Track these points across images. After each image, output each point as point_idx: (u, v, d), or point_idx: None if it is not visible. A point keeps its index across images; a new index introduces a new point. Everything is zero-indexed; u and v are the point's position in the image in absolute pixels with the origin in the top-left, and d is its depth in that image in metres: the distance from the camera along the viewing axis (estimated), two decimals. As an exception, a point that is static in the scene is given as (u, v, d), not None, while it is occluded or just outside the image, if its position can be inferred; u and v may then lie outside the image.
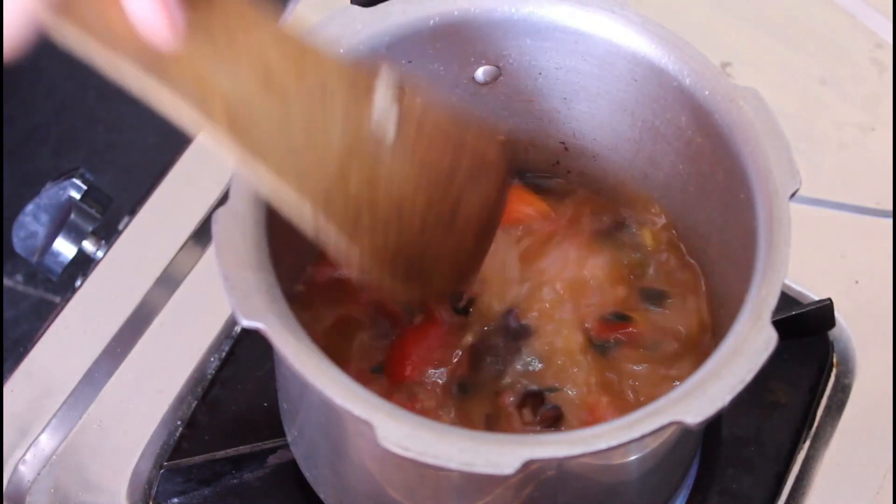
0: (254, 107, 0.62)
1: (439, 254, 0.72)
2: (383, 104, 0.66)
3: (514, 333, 0.77)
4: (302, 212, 0.65)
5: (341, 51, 0.73)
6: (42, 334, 0.88)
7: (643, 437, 0.63)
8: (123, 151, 1.28)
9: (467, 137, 0.70)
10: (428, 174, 0.69)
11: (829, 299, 0.87)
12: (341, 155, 0.65)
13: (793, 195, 0.70)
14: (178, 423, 0.85)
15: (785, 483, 0.84)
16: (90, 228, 0.89)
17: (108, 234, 0.91)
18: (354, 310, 0.79)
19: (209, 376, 0.87)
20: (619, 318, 0.78)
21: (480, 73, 0.79)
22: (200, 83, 0.61)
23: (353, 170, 0.66)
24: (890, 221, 0.92)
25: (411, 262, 0.71)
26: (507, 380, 0.76)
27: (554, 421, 0.74)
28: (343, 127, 0.65)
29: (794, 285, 0.90)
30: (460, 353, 0.76)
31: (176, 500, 0.83)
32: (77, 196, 0.89)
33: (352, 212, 0.67)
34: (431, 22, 0.75)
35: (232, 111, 0.62)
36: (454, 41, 0.77)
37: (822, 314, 0.88)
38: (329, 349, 0.65)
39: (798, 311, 0.87)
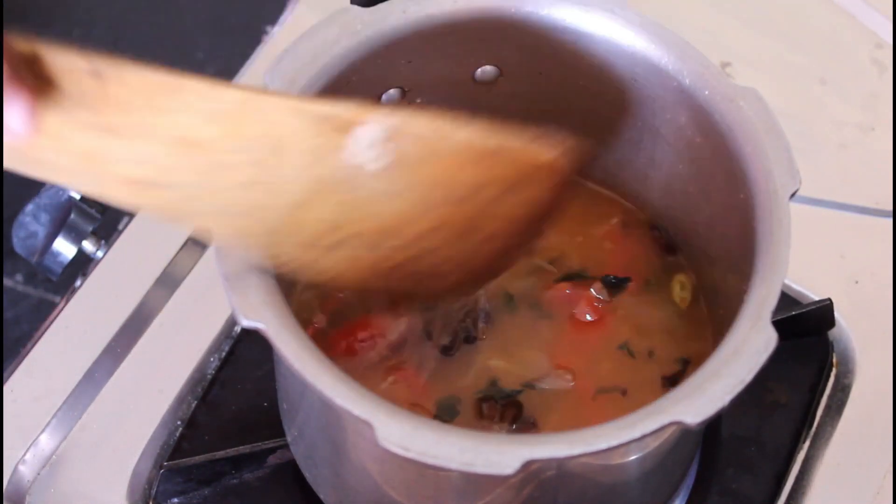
0: (165, 167, 0.62)
1: (458, 265, 0.72)
2: (365, 136, 0.64)
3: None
4: (248, 248, 0.66)
5: (339, 52, 0.73)
6: (42, 334, 0.88)
7: (643, 437, 0.63)
8: (123, 151, 1.28)
9: (496, 151, 0.68)
10: (437, 194, 0.67)
11: (829, 299, 0.87)
12: (302, 189, 0.64)
13: (793, 195, 0.70)
14: (178, 423, 0.85)
15: (785, 483, 0.84)
16: (90, 228, 0.89)
17: (108, 234, 0.91)
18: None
19: (209, 376, 0.87)
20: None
21: (480, 72, 0.79)
22: (88, 159, 0.60)
23: (320, 201, 0.65)
24: (890, 221, 0.92)
25: (419, 276, 0.71)
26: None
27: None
28: (302, 162, 0.64)
29: (794, 285, 0.90)
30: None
31: (176, 500, 0.83)
32: (77, 196, 0.89)
33: (316, 240, 0.67)
34: (431, 22, 0.75)
35: (135, 177, 0.61)
36: (454, 41, 0.76)
37: (822, 314, 0.88)
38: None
39: (798, 311, 0.87)
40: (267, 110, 0.63)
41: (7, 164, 0.60)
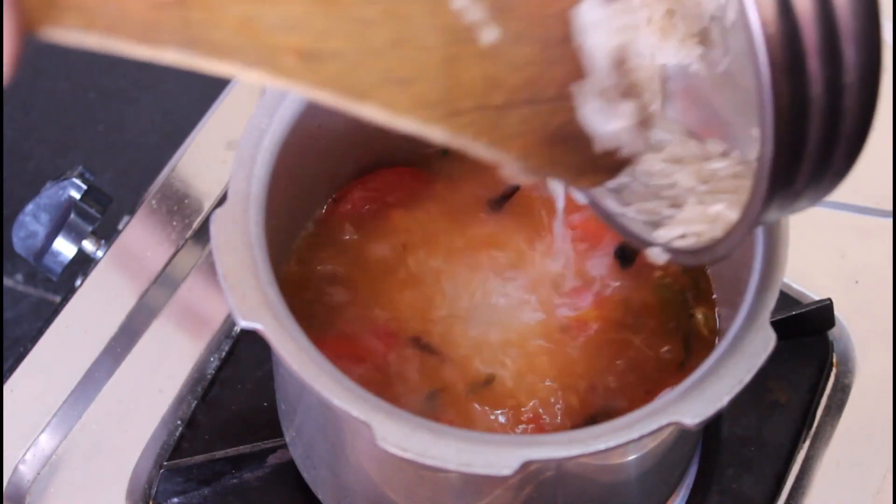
0: (317, 30, 0.56)
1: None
2: None
3: None
4: (432, 135, 0.60)
5: None
6: (42, 334, 0.88)
7: (641, 437, 0.63)
8: (123, 151, 1.28)
9: None
10: (547, 31, 0.62)
11: (829, 299, 0.87)
12: (441, 42, 0.59)
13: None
14: (178, 422, 0.85)
15: (785, 483, 0.84)
16: (90, 228, 0.89)
17: (108, 234, 0.91)
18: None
19: (209, 376, 0.87)
20: None
21: None
22: (245, 28, 0.54)
23: (464, 56, 0.60)
24: (890, 221, 0.92)
25: (567, 137, 0.65)
26: None
27: None
28: (424, 9, 0.59)
29: (794, 285, 0.90)
30: None
31: (176, 499, 0.83)
32: (77, 196, 0.89)
33: (485, 99, 0.61)
34: None
35: (296, 46, 0.55)
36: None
37: (822, 314, 0.88)
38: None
39: (798, 311, 0.87)
40: None
41: (163, 50, 0.52)
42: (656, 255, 0.65)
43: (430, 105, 0.60)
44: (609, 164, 0.66)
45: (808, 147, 0.51)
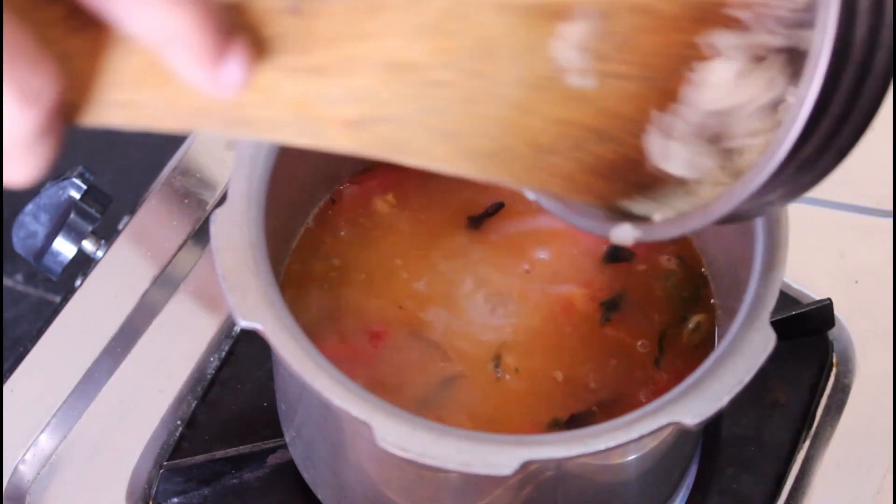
0: (382, 99, 0.54)
1: None
2: (571, 33, 0.57)
3: None
4: (478, 174, 0.59)
5: None
6: (42, 334, 0.88)
7: (641, 437, 0.63)
8: (123, 151, 1.28)
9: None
10: (658, 64, 0.59)
11: (829, 299, 0.87)
12: (523, 91, 0.57)
13: (792, 195, 0.70)
14: (178, 423, 0.85)
15: (785, 483, 0.84)
16: (90, 228, 0.89)
17: (107, 233, 0.91)
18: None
19: (209, 376, 0.87)
20: None
21: None
22: (299, 105, 0.53)
23: (546, 99, 0.58)
24: (890, 221, 0.92)
25: (617, 169, 0.62)
26: None
27: None
28: (517, 61, 0.56)
29: (793, 285, 0.90)
30: None
31: (176, 499, 0.83)
32: (77, 196, 0.89)
33: (541, 156, 0.59)
34: None
35: (352, 117, 0.54)
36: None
37: (822, 314, 0.88)
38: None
39: (798, 311, 0.87)
40: (471, 13, 0.56)
41: (206, 129, 0.51)
42: (624, 234, 0.61)
43: (479, 156, 0.58)
44: (647, 185, 0.63)
45: (835, 99, 0.52)
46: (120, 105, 0.49)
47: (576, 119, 0.59)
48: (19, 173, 0.47)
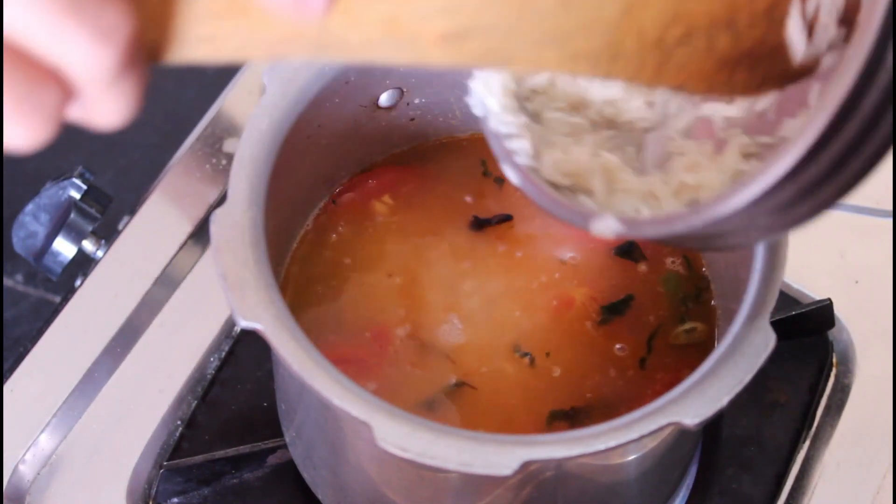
0: (474, 8, 0.52)
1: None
2: None
3: None
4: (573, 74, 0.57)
5: None
6: (42, 334, 0.88)
7: (641, 437, 0.63)
8: (123, 151, 1.27)
9: None
10: None
11: (829, 299, 0.87)
12: (622, 4, 0.54)
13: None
14: (178, 423, 0.85)
15: (785, 483, 0.84)
16: (90, 228, 0.89)
17: (107, 233, 0.91)
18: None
19: (209, 376, 0.87)
20: None
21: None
22: (386, 25, 0.51)
23: (644, 7, 0.55)
24: (890, 221, 0.92)
25: (743, 57, 0.59)
26: None
27: None
28: None
29: (793, 285, 0.90)
30: None
31: (176, 499, 0.83)
32: (77, 196, 0.89)
33: (661, 39, 0.56)
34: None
35: (447, 30, 0.51)
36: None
37: (822, 314, 0.88)
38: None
39: (798, 311, 0.87)
40: None
41: (296, 56, 0.50)
42: (606, 226, 0.59)
43: (584, 57, 0.56)
44: (779, 76, 0.60)
45: (853, 117, 0.51)
46: (203, 39, 0.49)
47: (693, 9, 0.56)
48: (106, 114, 0.47)
